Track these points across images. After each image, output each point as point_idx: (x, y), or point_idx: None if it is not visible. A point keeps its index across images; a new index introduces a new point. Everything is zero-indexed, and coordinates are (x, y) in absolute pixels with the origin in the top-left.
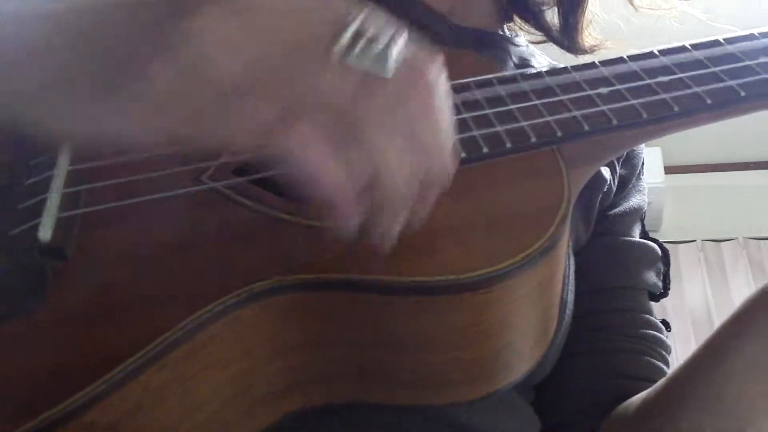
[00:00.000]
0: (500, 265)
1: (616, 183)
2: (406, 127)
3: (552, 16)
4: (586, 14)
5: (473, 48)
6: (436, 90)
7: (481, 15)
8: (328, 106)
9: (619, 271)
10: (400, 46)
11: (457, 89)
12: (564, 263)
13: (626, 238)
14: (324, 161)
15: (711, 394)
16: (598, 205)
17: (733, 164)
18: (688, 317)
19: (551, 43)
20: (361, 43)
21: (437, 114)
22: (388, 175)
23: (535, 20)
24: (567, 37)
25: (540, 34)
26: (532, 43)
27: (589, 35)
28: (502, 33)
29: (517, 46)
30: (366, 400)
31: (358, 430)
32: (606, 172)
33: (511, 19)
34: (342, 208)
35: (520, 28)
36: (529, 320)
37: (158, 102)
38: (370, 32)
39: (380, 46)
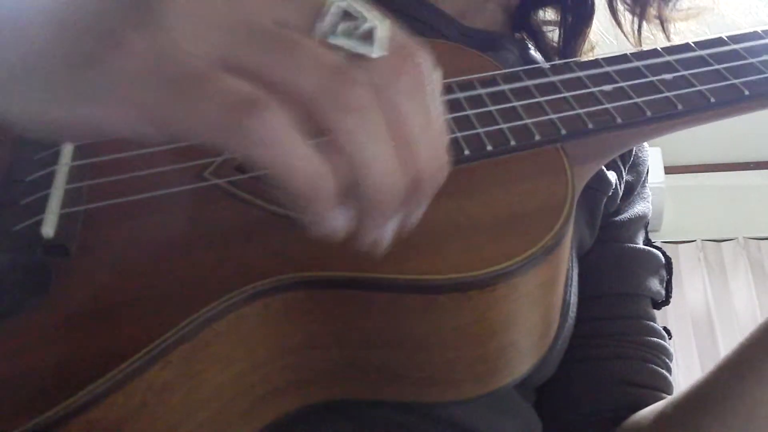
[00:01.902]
0: (505, 264)
1: (622, 188)
2: (393, 114)
3: (553, 37)
4: (586, 42)
5: (481, 50)
6: (426, 75)
7: (494, 21)
8: (306, 86)
9: (623, 278)
10: (386, 27)
11: (460, 86)
12: (567, 262)
13: (630, 245)
14: (295, 149)
15: (738, 415)
16: (603, 209)
17: (733, 164)
18: (688, 317)
19: None
20: (345, 23)
21: (428, 100)
22: (375, 169)
23: (535, 40)
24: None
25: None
26: None
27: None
28: (511, 37)
29: (528, 49)
30: (369, 397)
31: (358, 426)
32: (612, 176)
33: (519, 31)
34: (319, 205)
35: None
36: (532, 318)
37: (132, 79)
38: (354, 11)
39: (366, 25)
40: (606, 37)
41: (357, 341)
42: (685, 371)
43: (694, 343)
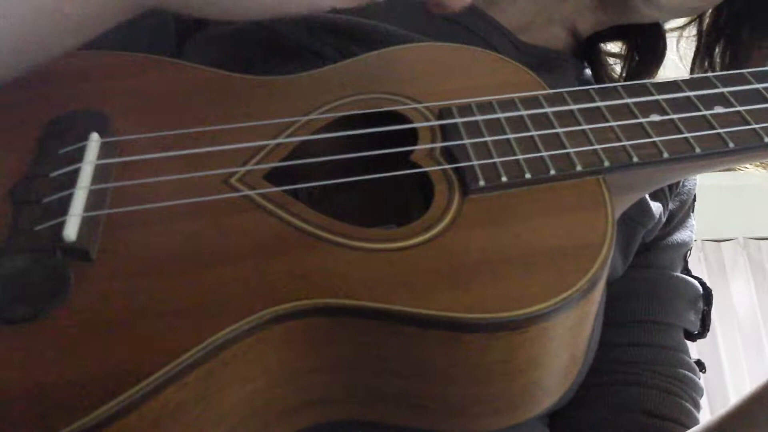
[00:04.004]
0: (537, 307)
1: (665, 217)
2: None
3: (615, 69)
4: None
5: (535, 67)
6: None
7: (556, 40)
8: None
9: (658, 306)
10: None
11: (501, 105)
12: (599, 301)
13: (668, 273)
14: None
15: None
16: (640, 239)
17: None
18: None
19: None
20: None
21: None
22: None
23: (596, 69)
24: None
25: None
26: None
27: None
28: (570, 57)
29: (585, 68)
30: (385, 422)
31: None
32: (657, 208)
33: (583, 57)
34: None
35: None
36: (559, 358)
37: None
38: None
39: None
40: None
41: (377, 369)
42: None
43: (694, 342)
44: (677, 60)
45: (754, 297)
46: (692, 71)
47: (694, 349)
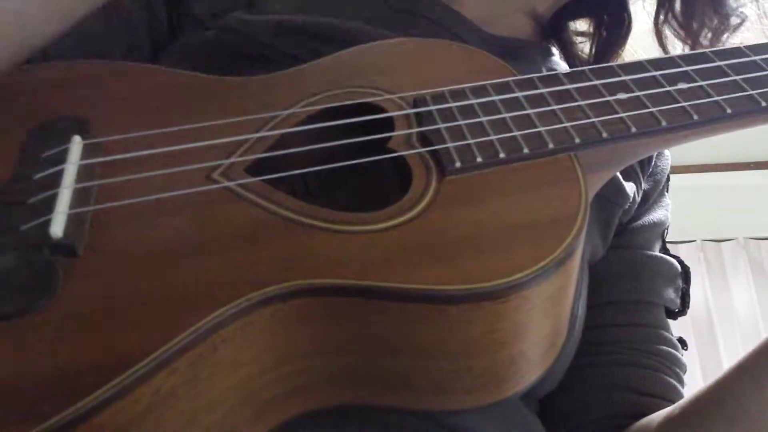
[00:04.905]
0: (517, 275)
1: (639, 198)
2: None
3: (584, 48)
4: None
5: (502, 58)
6: None
7: (520, 29)
8: None
9: (636, 285)
10: None
11: (473, 92)
12: (578, 273)
13: (646, 252)
14: None
15: (749, 417)
16: (617, 220)
17: (733, 164)
18: (688, 316)
19: None
20: None
21: None
22: None
23: (565, 50)
24: None
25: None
26: None
27: None
28: (535, 44)
29: (551, 55)
30: (376, 403)
31: (366, 429)
32: (630, 188)
33: (549, 40)
34: None
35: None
36: (541, 328)
37: None
38: None
39: None
40: (639, 53)
41: (364, 348)
42: None
43: (693, 342)
44: (645, 16)
45: (754, 297)
46: (656, 24)
47: (694, 350)
